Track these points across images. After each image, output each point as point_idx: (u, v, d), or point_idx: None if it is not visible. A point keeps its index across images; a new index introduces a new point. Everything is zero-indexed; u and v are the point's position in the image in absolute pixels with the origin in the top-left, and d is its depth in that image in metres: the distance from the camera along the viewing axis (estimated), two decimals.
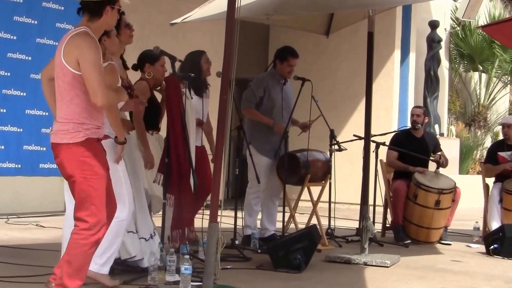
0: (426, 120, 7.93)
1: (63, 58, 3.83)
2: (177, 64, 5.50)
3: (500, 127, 8.45)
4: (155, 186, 5.46)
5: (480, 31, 14.17)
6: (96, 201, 3.88)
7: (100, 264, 4.55)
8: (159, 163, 5.37)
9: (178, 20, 6.63)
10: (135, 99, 5.01)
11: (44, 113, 7.73)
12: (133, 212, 4.87)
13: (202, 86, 6.45)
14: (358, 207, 6.39)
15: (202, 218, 5.69)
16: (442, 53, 13.11)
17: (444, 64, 13.56)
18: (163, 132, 5.64)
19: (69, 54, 3.81)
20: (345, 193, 10.12)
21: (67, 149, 3.85)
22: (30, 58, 7.56)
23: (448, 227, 7.68)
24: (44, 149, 7.74)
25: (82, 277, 3.92)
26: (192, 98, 6.13)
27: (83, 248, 3.87)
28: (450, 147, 11.89)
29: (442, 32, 13.38)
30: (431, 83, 12.30)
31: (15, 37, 7.43)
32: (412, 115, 7.82)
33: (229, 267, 5.48)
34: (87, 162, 3.86)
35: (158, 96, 5.78)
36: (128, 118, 5.16)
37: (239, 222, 6.66)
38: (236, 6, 4.68)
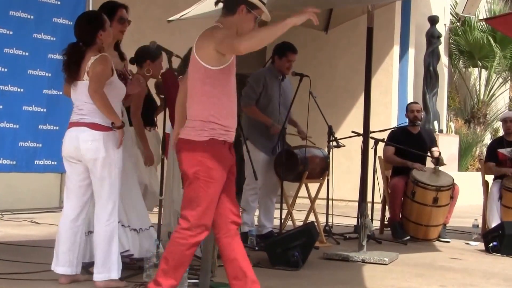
0: (423, 116, 7.95)
1: (197, 53, 3.80)
2: (174, 59, 5.45)
3: (500, 123, 8.43)
4: (155, 183, 5.43)
5: (480, 26, 14.15)
6: (204, 204, 3.80)
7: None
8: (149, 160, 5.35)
9: (176, 17, 6.58)
10: (137, 76, 5.09)
11: (41, 110, 7.67)
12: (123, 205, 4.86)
13: None
14: (356, 204, 6.36)
15: None
16: (442, 49, 13.07)
17: (444, 60, 13.52)
18: (160, 129, 5.61)
19: (204, 48, 3.78)
20: (343, 190, 10.11)
21: (189, 146, 3.79)
22: (27, 54, 7.49)
23: (447, 225, 7.66)
24: (40, 145, 7.67)
25: (177, 277, 3.86)
26: None
27: (181, 248, 3.83)
28: (449, 144, 11.87)
29: (442, 27, 13.34)
30: (430, 79, 12.26)
31: (11, 32, 7.37)
32: (412, 111, 7.79)
33: None
34: (205, 163, 3.78)
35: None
36: (126, 114, 5.11)
37: None
38: None
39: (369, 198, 6.72)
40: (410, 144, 7.62)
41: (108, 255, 4.48)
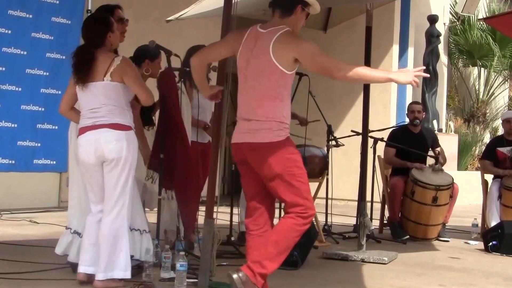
0: (424, 116, 7.92)
1: (273, 56, 3.87)
2: (173, 59, 5.44)
3: (499, 122, 8.41)
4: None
5: (479, 26, 14.14)
6: (307, 194, 3.97)
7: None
8: (148, 160, 5.31)
9: (174, 17, 6.57)
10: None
11: (39, 109, 7.67)
12: None
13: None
14: (356, 203, 6.36)
15: (197, 215, 5.65)
16: (441, 48, 13.06)
17: (443, 59, 13.51)
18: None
19: (282, 52, 3.87)
20: (343, 189, 10.10)
21: (273, 148, 3.88)
22: (25, 53, 7.49)
23: (446, 224, 7.65)
24: (39, 145, 7.67)
25: (279, 262, 3.95)
26: (198, 96, 6.04)
27: (294, 234, 3.95)
28: (448, 143, 11.85)
29: (441, 26, 13.33)
30: (429, 78, 12.24)
31: (10, 32, 7.36)
32: (412, 111, 7.76)
33: (225, 263, 5.42)
34: (292, 158, 3.95)
35: None
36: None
37: (235, 218, 6.62)
38: (233, 1, 4.62)
39: (368, 198, 6.71)
40: (411, 143, 7.60)
41: (113, 255, 4.44)
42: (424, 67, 4.02)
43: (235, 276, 3.87)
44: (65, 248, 4.89)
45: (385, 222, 7.80)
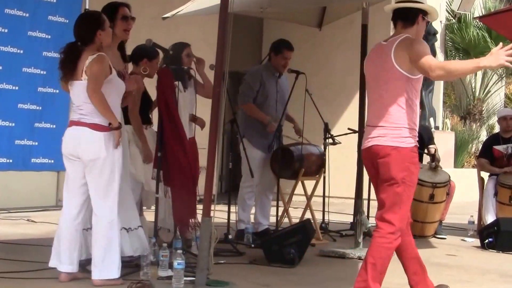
0: (420, 113, 7.91)
1: (395, 62, 4.04)
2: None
3: (496, 119, 8.41)
4: (151, 181, 5.43)
5: (475, 24, 14.16)
6: (404, 207, 4.06)
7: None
8: (148, 159, 5.34)
9: (170, 14, 6.58)
10: (134, 76, 5.15)
11: (37, 108, 7.67)
12: None
13: (185, 78, 6.25)
14: (353, 201, 6.36)
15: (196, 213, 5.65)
16: (438, 45, 13.07)
17: (440, 56, 13.52)
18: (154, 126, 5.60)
19: (401, 57, 4.04)
20: (339, 187, 10.06)
21: (398, 152, 4.02)
22: (21, 51, 7.48)
23: (443, 221, 7.67)
24: (36, 143, 7.67)
25: (381, 280, 4.09)
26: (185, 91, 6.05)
27: (388, 253, 4.05)
28: (445, 141, 11.87)
29: (438, 24, 13.34)
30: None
31: (6, 30, 7.36)
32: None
33: (222, 262, 5.44)
34: (410, 169, 4.05)
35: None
36: (122, 115, 5.10)
37: (233, 217, 6.64)
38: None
39: (365, 195, 6.73)
40: None
41: (108, 254, 4.47)
42: None
43: None
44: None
45: None
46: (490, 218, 7.41)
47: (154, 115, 5.70)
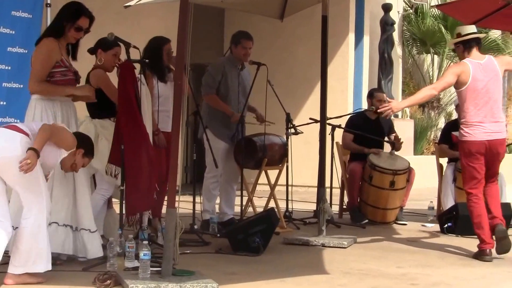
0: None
1: (499, 68, 5.80)
2: (132, 50, 5.45)
3: (454, 107, 8.56)
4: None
5: (432, 13, 14.36)
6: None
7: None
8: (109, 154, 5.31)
9: (132, 2, 6.55)
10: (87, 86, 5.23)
11: (1, 103, 7.53)
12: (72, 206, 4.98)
13: (164, 72, 6.29)
14: (315, 189, 6.45)
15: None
16: (396, 36, 13.25)
17: (397, 47, 13.70)
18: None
19: (501, 66, 5.84)
20: (302, 176, 10.20)
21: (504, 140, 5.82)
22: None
23: (403, 207, 7.81)
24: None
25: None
26: (158, 85, 6.06)
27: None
28: (404, 128, 12.05)
29: (396, 15, 13.51)
30: (385, 65, 12.42)
31: (13, 32, 7.23)
32: (379, 100, 7.74)
33: (188, 251, 5.49)
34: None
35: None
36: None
37: (198, 207, 6.67)
38: None
39: (327, 184, 6.83)
40: (368, 129, 7.72)
41: (30, 250, 4.38)
42: None
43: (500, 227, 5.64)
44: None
45: (344, 207, 7.91)
46: (449, 203, 7.54)
47: None
